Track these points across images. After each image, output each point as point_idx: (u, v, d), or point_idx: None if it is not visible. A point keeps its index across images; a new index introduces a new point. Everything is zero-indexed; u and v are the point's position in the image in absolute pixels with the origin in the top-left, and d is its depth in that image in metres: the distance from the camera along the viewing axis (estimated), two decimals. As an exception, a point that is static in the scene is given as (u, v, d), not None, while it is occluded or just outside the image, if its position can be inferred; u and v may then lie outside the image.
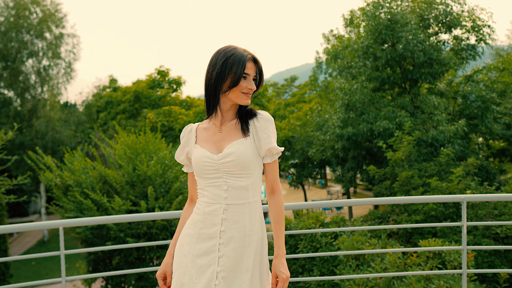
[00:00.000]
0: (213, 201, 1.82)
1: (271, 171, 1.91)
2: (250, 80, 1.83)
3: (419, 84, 14.55)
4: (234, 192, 1.81)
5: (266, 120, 1.88)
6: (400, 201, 3.44)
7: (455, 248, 3.67)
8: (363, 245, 6.28)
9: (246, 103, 1.84)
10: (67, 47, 23.49)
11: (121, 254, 8.07)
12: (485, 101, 13.61)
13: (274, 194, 1.91)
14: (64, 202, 8.06)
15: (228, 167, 1.81)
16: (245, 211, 1.82)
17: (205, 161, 1.82)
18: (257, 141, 1.85)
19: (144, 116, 23.63)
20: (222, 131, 1.89)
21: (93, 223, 3.30)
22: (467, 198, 3.58)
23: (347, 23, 18.30)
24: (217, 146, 1.86)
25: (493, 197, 3.64)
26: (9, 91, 22.43)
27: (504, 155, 15.38)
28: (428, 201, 3.46)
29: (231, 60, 1.79)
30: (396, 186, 9.54)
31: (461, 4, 14.29)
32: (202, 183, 1.88)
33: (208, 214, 1.82)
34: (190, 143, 1.95)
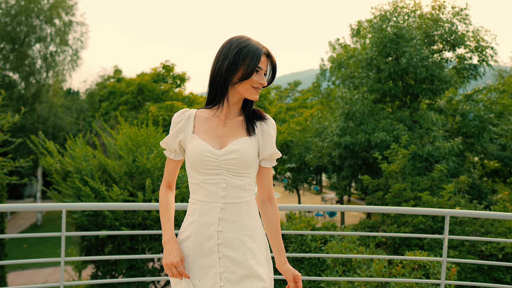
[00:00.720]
0: (209, 199, 1.72)
1: (268, 176, 1.86)
2: (262, 74, 1.75)
3: (419, 99, 14.77)
4: (232, 190, 1.73)
5: (273, 125, 1.85)
6: (387, 210, 3.63)
7: (435, 259, 3.86)
8: (351, 252, 6.48)
9: (254, 98, 1.77)
10: (75, 35, 23.66)
11: (114, 242, 8.24)
12: (482, 121, 13.83)
13: (271, 201, 1.86)
14: (63, 187, 8.22)
15: (230, 165, 1.71)
16: (242, 210, 1.74)
17: (206, 155, 1.70)
18: (261, 144, 1.79)
19: (146, 109, 23.79)
20: (226, 126, 1.79)
21: (96, 208, 3.47)
22: (450, 212, 3.77)
23: (354, 33, 18.54)
24: (219, 141, 1.76)
25: (476, 213, 3.83)
26: (14, 74, 22.57)
27: (497, 176, 15.60)
28: (413, 212, 3.65)
29: (245, 51, 1.70)
30: (388, 197, 9.74)
31: (467, 24, 14.52)
32: (198, 179, 1.75)
33: (204, 214, 1.72)
34: (186, 131, 1.80)
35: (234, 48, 1.71)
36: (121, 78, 30.83)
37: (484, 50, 14.39)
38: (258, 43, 1.74)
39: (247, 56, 1.69)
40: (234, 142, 1.74)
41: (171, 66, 27.99)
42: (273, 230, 1.85)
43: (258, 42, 1.75)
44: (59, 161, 8.85)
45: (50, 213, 24.64)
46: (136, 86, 26.03)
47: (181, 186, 8.77)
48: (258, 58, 1.70)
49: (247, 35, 1.80)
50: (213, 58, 1.79)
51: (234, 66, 1.70)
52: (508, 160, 14.41)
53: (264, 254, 1.80)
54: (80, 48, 23.95)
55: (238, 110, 1.84)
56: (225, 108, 1.80)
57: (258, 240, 1.77)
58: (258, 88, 1.75)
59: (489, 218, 8.64)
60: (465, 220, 8.48)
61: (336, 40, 20.15)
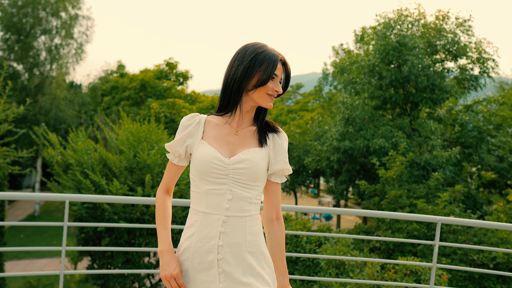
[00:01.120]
0: (211, 211, 1.63)
1: (277, 192, 1.77)
2: (277, 82, 1.70)
3: (419, 107, 14.90)
4: (237, 203, 1.63)
5: (286, 139, 1.78)
6: (381, 215, 3.73)
7: (425, 265, 3.97)
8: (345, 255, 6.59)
9: (268, 106, 1.70)
10: (80, 28, 23.79)
11: (112, 236, 8.35)
12: (481, 132, 13.96)
13: (279, 220, 1.76)
14: (64, 179, 8.33)
15: (239, 175, 1.62)
16: (246, 224, 1.64)
17: (214, 162, 1.62)
18: (272, 157, 1.72)
19: (147, 105, 23.91)
20: (238, 134, 1.71)
21: (99, 200, 3.57)
22: (442, 219, 3.88)
23: (358, 39, 18.67)
24: (229, 149, 1.67)
25: (467, 221, 3.94)
26: (18, 65, 22.69)
27: (493, 187, 15.73)
28: (406, 218, 3.76)
29: (261, 56, 1.65)
30: (384, 203, 9.86)
31: (470, 35, 14.65)
32: (202, 188, 1.65)
33: (205, 226, 1.63)
34: (195, 136, 1.72)
35: (249, 54, 1.66)
36: (124, 74, 30.96)
37: (486, 61, 14.53)
38: (274, 50, 1.70)
39: (263, 62, 1.65)
40: (245, 152, 1.66)
41: (174, 64, 28.12)
42: (279, 250, 1.74)
43: (274, 49, 1.71)
44: (60, 153, 8.96)
45: (48, 205, 24.71)
46: (139, 82, 26.15)
47: (180, 184, 8.88)
48: (275, 64, 1.65)
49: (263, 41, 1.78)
50: (227, 64, 1.74)
51: (250, 72, 1.65)
52: (505, 172, 14.54)
53: (268, 272, 1.69)
54: (85, 41, 24.10)
55: (250, 119, 1.77)
56: (237, 115, 1.73)
57: (260, 258, 1.67)
58: (273, 95, 1.70)
59: (483, 228, 8.76)
60: (458, 229, 8.59)
61: (339, 45, 20.30)
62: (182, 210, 8.67)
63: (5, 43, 21.97)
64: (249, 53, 1.67)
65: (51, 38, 22.79)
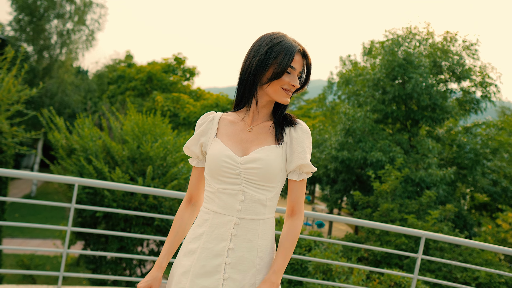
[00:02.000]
0: (223, 212, 1.53)
1: (296, 190, 1.62)
2: (295, 75, 1.56)
3: (419, 125, 15.15)
4: (250, 205, 1.53)
5: (304, 132, 1.61)
6: (368, 224, 3.96)
7: (407, 275, 4.19)
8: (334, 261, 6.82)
9: (284, 101, 1.57)
10: (93, 16, 24.02)
11: (108, 222, 8.56)
12: (477, 155, 14.20)
13: (294, 216, 1.60)
14: (67, 163, 8.55)
15: (251, 175, 1.52)
16: (259, 228, 1.54)
17: (225, 161, 1.53)
18: (289, 153, 1.59)
19: (152, 97, 24.14)
20: (252, 131, 1.61)
21: (108, 187, 3.77)
22: (426, 234, 4.11)
23: (365, 52, 18.92)
24: (242, 147, 1.58)
25: (450, 239, 4.16)
26: (28, 46, 22.92)
27: (485, 209, 15.97)
28: (392, 230, 3.99)
29: (277, 47, 1.52)
30: (376, 215, 10.09)
31: (475, 59, 14.91)
32: (214, 187, 1.56)
33: (216, 227, 1.53)
34: (209, 134, 1.65)
35: (265, 45, 1.54)
36: (132, 64, 31.20)
37: (488, 86, 14.79)
38: (293, 41, 1.56)
39: (279, 54, 1.51)
40: (258, 150, 1.55)
41: (182, 59, 28.36)
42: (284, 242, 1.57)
43: (293, 40, 1.57)
44: (65, 137, 9.18)
45: (44, 187, 24.90)
46: (146, 74, 26.38)
47: (180, 178, 9.10)
48: (291, 56, 1.51)
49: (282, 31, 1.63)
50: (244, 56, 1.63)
51: (264, 64, 1.53)
52: (497, 196, 14.78)
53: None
54: (96, 29, 24.31)
55: (267, 114, 1.66)
56: (252, 111, 1.62)
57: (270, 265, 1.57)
58: (289, 90, 1.57)
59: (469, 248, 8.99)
60: (445, 247, 8.82)
61: (347, 57, 20.55)
62: (180, 204, 8.88)
63: (17, 24, 22.19)
64: (265, 44, 1.55)
65: (64, 22, 23.02)
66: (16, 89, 6.73)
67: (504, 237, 10.87)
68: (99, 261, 8.96)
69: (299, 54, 1.56)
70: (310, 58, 1.60)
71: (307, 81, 1.65)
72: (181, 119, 22.26)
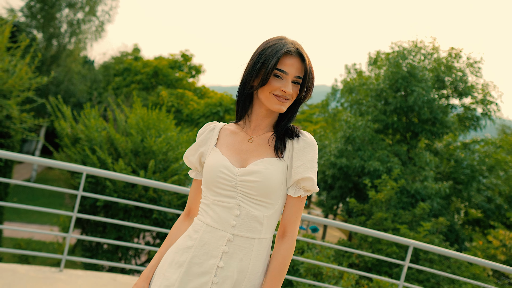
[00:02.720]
0: (217, 226, 1.42)
1: (290, 207, 1.47)
2: (288, 80, 1.41)
3: (419, 137, 15.35)
4: (246, 221, 1.41)
5: (307, 144, 1.48)
6: (357, 230, 4.15)
7: (393, 281, 4.39)
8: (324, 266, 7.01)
9: (277, 108, 1.43)
10: (104, 7, 24.26)
11: (108, 212, 8.76)
12: (474, 171, 14.40)
13: (284, 239, 1.46)
14: (72, 151, 8.75)
15: (248, 188, 1.41)
16: (253, 248, 1.41)
17: (222, 171, 1.43)
18: (289, 167, 1.47)
19: (157, 92, 24.35)
20: (252, 142, 1.51)
21: (115, 178, 3.95)
22: (414, 243, 4.30)
23: (371, 62, 19.13)
24: (241, 158, 1.48)
25: (437, 249, 4.35)
26: (38, 33, 23.14)
27: (478, 225, 16.17)
28: (381, 237, 4.18)
29: (268, 51, 1.41)
30: (369, 223, 10.28)
31: (478, 76, 15.13)
32: (209, 198, 1.46)
33: (206, 241, 1.41)
34: (208, 144, 1.56)
35: (260, 48, 1.45)
36: (139, 57, 31.41)
37: (489, 104, 15.00)
38: (292, 42, 1.43)
39: (269, 57, 1.39)
40: (257, 162, 1.44)
41: (189, 56, 28.58)
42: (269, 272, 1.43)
43: (292, 41, 1.44)
44: (71, 126, 9.39)
45: (44, 173, 25.09)
46: (152, 68, 26.60)
47: (180, 174, 9.30)
48: (277, 58, 1.38)
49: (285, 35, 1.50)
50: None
51: (255, 69, 1.42)
52: (491, 213, 14.98)
53: None
54: (106, 21, 24.55)
55: (270, 125, 1.54)
56: (253, 120, 1.52)
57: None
58: (282, 97, 1.42)
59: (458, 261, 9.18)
60: (435, 259, 9.02)
61: (352, 65, 20.77)
62: (178, 199, 9.08)
63: (29, 10, 22.42)
64: (260, 48, 1.45)
65: (75, 12, 23.25)
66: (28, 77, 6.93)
67: (494, 253, 11.06)
68: (96, 249, 9.15)
69: (291, 56, 1.41)
70: (308, 61, 1.43)
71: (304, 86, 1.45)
72: (184, 116, 22.46)
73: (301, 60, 1.42)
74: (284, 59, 1.40)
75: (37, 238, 15.25)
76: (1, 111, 6.71)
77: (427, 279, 8.90)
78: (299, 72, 1.42)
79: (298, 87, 1.45)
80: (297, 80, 1.43)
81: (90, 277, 4.21)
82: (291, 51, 1.40)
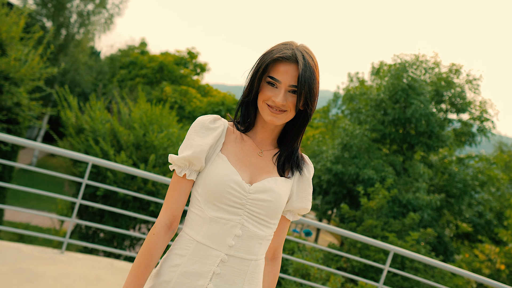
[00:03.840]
0: (211, 244, 1.28)
1: (284, 230, 1.45)
2: (280, 89, 1.27)
3: (415, 149, 15.65)
4: (246, 242, 1.30)
5: (311, 174, 1.45)
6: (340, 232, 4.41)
7: (373, 283, 4.67)
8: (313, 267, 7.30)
9: (269, 120, 1.30)
10: (114, 1, 24.58)
11: (106, 202, 9.05)
12: (466, 186, 14.70)
13: (275, 261, 1.46)
14: (76, 141, 9.04)
15: (258, 207, 1.30)
16: (248, 270, 1.31)
17: (232, 187, 1.28)
18: (295, 191, 1.40)
19: (161, 87, 24.65)
20: (262, 156, 1.39)
21: (119, 169, 4.22)
22: (394, 249, 4.59)
23: (373, 71, 19.43)
24: (250, 172, 1.34)
25: (416, 256, 4.62)
26: (48, 21, 23.44)
27: (467, 239, 16.45)
28: (363, 240, 4.46)
29: (265, 56, 1.30)
30: (359, 229, 10.57)
31: (476, 93, 15.44)
32: (207, 212, 1.30)
33: (196, 260, 1.28)
34: (216, 146, 1.35)
35: (262, 54, 1.34)
36: (145, 51, 31.71)
37: (486, 121, 15.31)
38: (289, 48, 1.29)
39: (263, 63, 1.29)
40: (269, 180, 1.34)
41: (195, 54, 28.89)
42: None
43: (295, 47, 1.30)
44: (75, 116, 9.68)
45: (44, 159, 25.38)
46: (158, 63, 26.90)
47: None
48: (266, 65, 1.27)
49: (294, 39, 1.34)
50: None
51: (253, 76, 1.33)
52: (481, 228, 15.27)
53: None
54: (116, 14, 24.85)
55: (275, 139, 1.43)
56: (259, 132, 1.40)
57: None
58: (273, 107, 1.29)
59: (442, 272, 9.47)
60: (420, 267, 9.30)
61: (355, 73, 21.07)
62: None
63: (40, -2, 22.74)
64: (261, 54, 1.34)
65: (85, 3, 23.56)
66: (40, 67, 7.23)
67: (479, 267, 11.35)
68: (92, 237, 9.44)
69: (287, 63, 1.27)
70: (302, 67, 1.25)
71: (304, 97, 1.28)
72: (186, 113, 22.76)
73: (298, 67, 1.26)
74: (278, 66, 1.27)
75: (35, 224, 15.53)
76: (11, 98, 7.00)
77: (411, 287, 9.19)
78: (294, 80, 1.26)
79: (296, 97, 1.28)
80: (294, 89, 1.27)
81: (89, 261, 4.50)
82: (285, 57, 1.26)
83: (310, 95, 1.27)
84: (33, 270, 3.84)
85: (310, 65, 1.27)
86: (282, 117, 1.30)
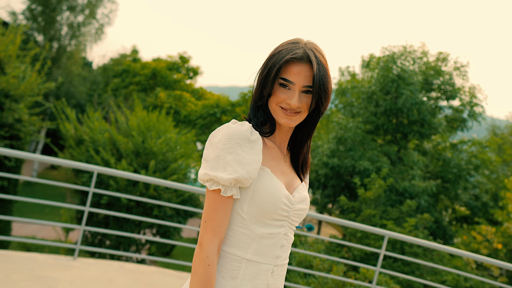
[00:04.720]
0: (261, 260, 1.26)
1: None
2: (294, 91, 1.24)
3: (408, 138, 15.95)
4: (287, 250, 1.32)
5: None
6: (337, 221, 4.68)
7: (371, 268, 4.94)
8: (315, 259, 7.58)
9: (284, 122, 1.27)
10: (104, 10, 24.76)
11: (111, 209, 9.30)
12: (460, 170, 15.02)
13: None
14: (77, 152, 9.29)
15: (298, 217, 1.31)
16: (284, 274, 1.35)
17: (284, 202, 1.26)
18: None
19: (155, 94, 24.86)
20: (286, 162, 1.37)
21: (124, 177, 4.45)
22: (389, 234, 4.85)
23: (364, 64, 19.72)
24: (285, 182, 1.31)
25: (410, 239, 4.89)
26: (39, 35, 23.62)
27: (466, 222, 16.79)
28: (358, 228, 4.72)
29: (275, 57, 1.25)
30: (358, 220, 10.86)
31: (465, 79, 15.75)
32: (256, 230, 1.25)
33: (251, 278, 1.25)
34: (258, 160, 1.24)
35: (269, 55, 1.29)
36: (137, 59, 31.89)
37: (475, 106, 15.63)
38: (299, 47, 1.25)
39: (274, 65, 1.24)
40: (300, 187, 1.35)
41: (187, 58, 29.11)
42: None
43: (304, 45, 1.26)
44: (74, 128, 9.92)
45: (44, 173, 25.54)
46: (150, 70, 27.10)
47: (179, 173, 9.82)
48: (278, 67, 1.22)
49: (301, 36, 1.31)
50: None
51: (263, 78, 1.27)
52: (477, 210, 15.60)
53: None
54: (106, 23, 25.05)
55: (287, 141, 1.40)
56: (277, 136, 1.36)
57: None
58: (288, 109, 1.25)
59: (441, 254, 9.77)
60: (419, 252, 9.60)
61: (346, 67, 21.35)
62: (177, 197, 9.61)
63: (30, 13, 22.90)
64: (269, 54, 1.29)
65: (75, 15, 23.74)
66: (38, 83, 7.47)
67: (477, 248, 11.67)
68: (99, 244, 9.68)
69: (299, 63, 1.23)
70: (316, 67, 1.22)
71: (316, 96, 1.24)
72: (182, 117, 22.99)
73: (311, 67, 1.23)
74: (290, 67, 1.23)
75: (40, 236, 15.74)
76: (12, 114, 7.24)
77: (412, 271, 9.48)
78: (308, 80, 1.23)
79: (310, 98, 1.26)
80: (308, 90, 1.24)
81: (101, 265, 4.75)
82: (297, 58, 1.22)
83: (325, 94, 1.24)
84: (49, 276, 4.09)
85: (322, 63, 1.24)
86: (297, 119, 1.28)
